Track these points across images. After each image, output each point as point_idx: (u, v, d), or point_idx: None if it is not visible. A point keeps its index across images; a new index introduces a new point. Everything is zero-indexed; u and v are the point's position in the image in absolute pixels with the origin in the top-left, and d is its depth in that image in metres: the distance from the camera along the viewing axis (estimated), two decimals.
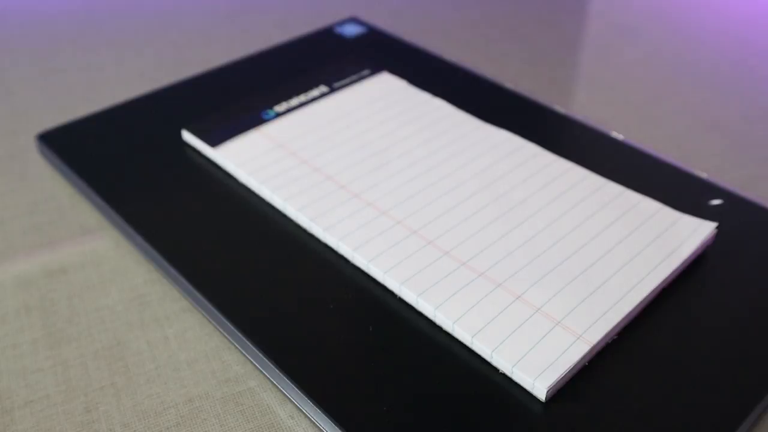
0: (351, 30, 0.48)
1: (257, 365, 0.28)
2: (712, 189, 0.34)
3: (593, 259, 0.29)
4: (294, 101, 0.39)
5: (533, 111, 0.39)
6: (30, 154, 0.40)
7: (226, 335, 0.29)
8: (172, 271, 0.31)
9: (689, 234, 0.30)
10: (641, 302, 0.28)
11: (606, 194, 0.32)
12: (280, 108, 0.39)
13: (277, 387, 0.27)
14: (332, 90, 0.40)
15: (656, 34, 0.50)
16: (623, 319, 0.27)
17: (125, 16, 0.54)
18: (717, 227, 0.30)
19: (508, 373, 0.26)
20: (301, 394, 0.26)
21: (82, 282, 0.32)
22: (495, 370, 0.26)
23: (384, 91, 0.40)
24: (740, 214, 0.33)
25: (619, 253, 0.29)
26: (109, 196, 0.35)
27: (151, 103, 0.41)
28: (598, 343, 0.26)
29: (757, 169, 0.37)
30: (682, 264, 0.29)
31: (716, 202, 0.33)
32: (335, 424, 0.25)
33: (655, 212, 0.32)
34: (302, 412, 0.26)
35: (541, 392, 0.25)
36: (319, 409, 0.25)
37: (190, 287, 0.30)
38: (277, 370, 0.27)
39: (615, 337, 0.27)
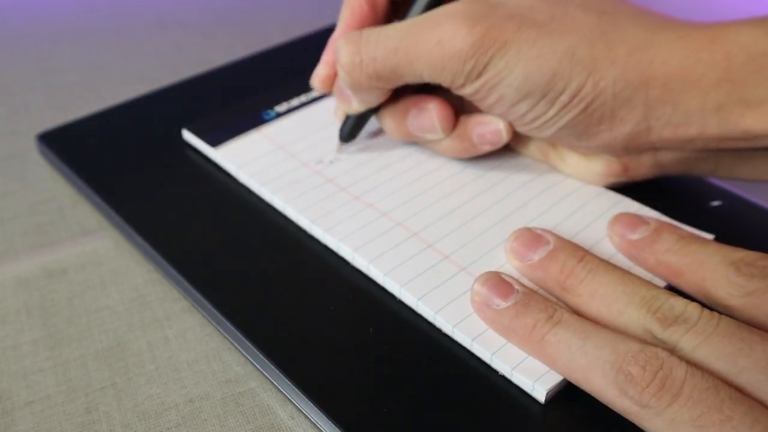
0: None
1: (257, 366, 0.28)
2: (712, 189, 0.34)
3: None
4: (295, 101, 0.39)
5: None
6: (30, 154, 0.40)
7: (227, 336, 0.29)
8: (172, 271, 0.31)
9: None
10: None
11: (605, 201, 0.32)
12: (280, 108, 0.39)
13: (278, 388, 0.27)
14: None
15: None
16: None
17: (125, 16, 0.54)
18: (714, 238, 0.30)
19: (507, 375, 0.26)
20: (302, 395, 0.26)
21: (83, 282, 0.32)
22: (495, 371, 0.26)
23: None
24: (740, 215, 0.33)
25: (620, 260, 0.29)
26: (109, 196, 0.35)
27: (151, 103, 0.41)
28: None
29: None
30: None
31: (716, 202, 0.33)
32: (335, 425, 0.25)
33: None
34: (302, 412, 0.26)
35: (540, 394, 0.25)
36: (319, 409, 0.25)
37: (190, 288, 0.30)
38: (277, 371, 0.27)
39: None
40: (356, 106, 0.33)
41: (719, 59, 0.27)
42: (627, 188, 0.33)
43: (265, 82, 0.42)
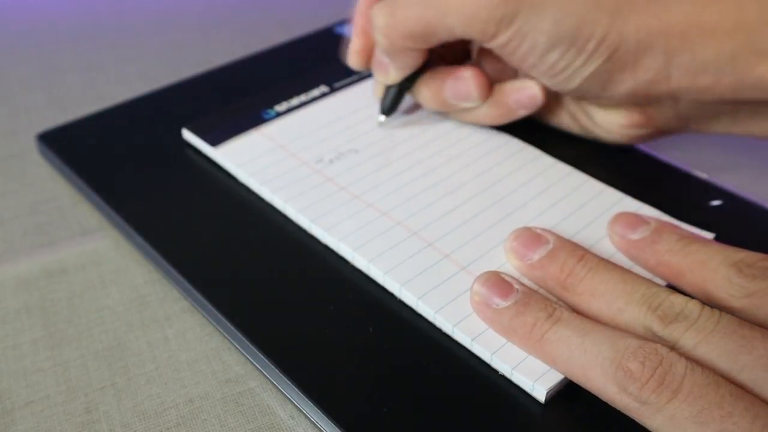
0: (351, 30, 0.48)
1: (257, 366, 0.28)
2: (712, 189, 0.34)
3: None
4: (294, 101, 0.39)
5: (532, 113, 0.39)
6: (30, 154, 0.40)
7: (227, 336, 0.29)
8: (172, 271, 0.31)
9: None
10: None
11: (605, 200, 0.32)
12: (280, 108, 0.39)
13: (278, 387, 0.27)
14: (333, 90, 0.40)
15: None
16: None
17: (125, 16, 0.54)
18: (714, 238, 0.30)
19: (507, 375, 0.26)
20: (301, 395, 0.26)
21: (83, 282, 0.32)
22: (495, 371, 0.26)
23: None
24: (740, 215, 0.33)
25: (620, 259, 0.29)
26: (109, 196, 0.35)
27: (151, 103, 0.41)
28: None
29: (757, 169, 0.37)
30: None
31: (716, 202, 0.33)
32: (335, 425, 0.25)
33: None
34: (302, 412, 0.26)
35: (540, 394, 0.25)
36: (319, 409, 0.25)
37: (190, 287, 0.30)
38: (277, 371, 0.27)
39: None
40: (393, 75, 0.35)
41: (731, 9, 0.29)
42: (627, 188, 0.33)
43: (265, 82, 0.42)
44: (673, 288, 0.27)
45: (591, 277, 0.26)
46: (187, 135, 0.38)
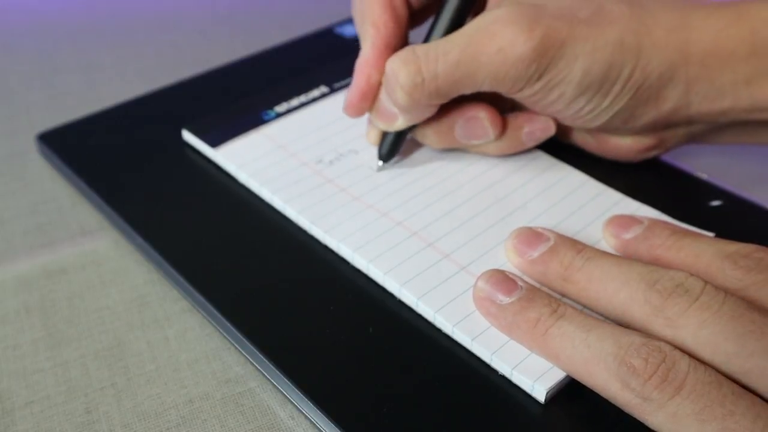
0: (351, 30, 0.48)
1: (257, 366, 0.28)
2: (712, 189, 0.34)
3: None
4: (294, 102, 0.39)
5: None
6: (30, 154, 0.40)
7: (227, 336, 0.29)
8: (172, 271, 0.31)
9: None
10: None
11: (605, 200, 0.32)
12: (280, 108, 0.39)
13: (278, 388, 0.27)
14: (333, 91, 0.40)
15: None
16: None
17: (125, 16, 0.54)
18: (715, 236, 0.30)
19: (507, 375, 0.26)
20: (301, 395, 0.26)
21: (83, 282, 0.32)
22: (495, 371, 0.26)
23: None
24: (740, 215, 0.33)
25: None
26: (109, 196, 0.35)
27: (151, 103, 0.41)
28: None
29: (757, 169, 0.37)
30: None
31: (716, 202, 0.33)
32: (335, 425, 0.25)
33: None
34: (302, 412, 0.26)
35: (540, 394, 0.25)
36: (319, 409, 0.25)
37: (190, 288, 0.30)
38: (277, 371, 0.27)
39: None
40: (401, 124, 0.32)
41: (746, 35, 0.29)
42: (627, 188, 0.33)
43: (265, 82, 0.42)
44: None
45: (588, 265, 0.27)
46: (187, 136, 0.38)
